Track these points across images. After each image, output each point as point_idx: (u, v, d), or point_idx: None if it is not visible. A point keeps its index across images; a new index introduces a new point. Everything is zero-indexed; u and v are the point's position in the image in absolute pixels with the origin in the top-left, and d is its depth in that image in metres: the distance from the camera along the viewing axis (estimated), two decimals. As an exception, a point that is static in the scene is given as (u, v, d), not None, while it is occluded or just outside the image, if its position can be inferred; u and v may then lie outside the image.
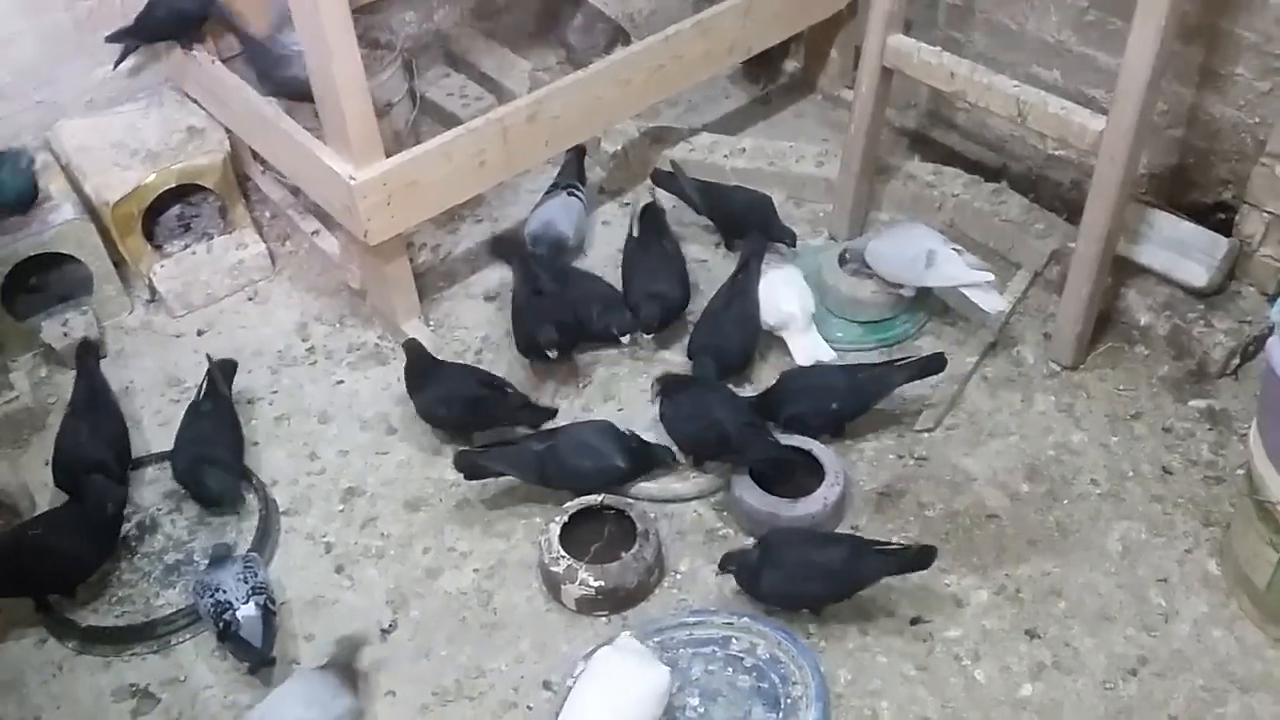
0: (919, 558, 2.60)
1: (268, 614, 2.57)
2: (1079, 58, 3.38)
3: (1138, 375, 3.14)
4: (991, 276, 3.13)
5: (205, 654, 2.67)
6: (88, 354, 3.15)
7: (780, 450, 2.81)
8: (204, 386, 3.07)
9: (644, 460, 2.89)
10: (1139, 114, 2.74)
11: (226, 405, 3.04)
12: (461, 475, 2.89)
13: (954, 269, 3.13)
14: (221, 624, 2.54)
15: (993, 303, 3.14)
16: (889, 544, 2.66)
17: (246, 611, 2.54)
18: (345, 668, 2.53)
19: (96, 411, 3.01)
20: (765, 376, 3.16)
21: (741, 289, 3.19)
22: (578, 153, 3.67)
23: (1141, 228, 3.18)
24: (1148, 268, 3.21)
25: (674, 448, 2.93)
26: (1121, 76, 2.74)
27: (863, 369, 3.04)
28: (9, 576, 2.68)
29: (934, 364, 3.00)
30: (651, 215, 3.48)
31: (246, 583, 2.58)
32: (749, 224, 3.37)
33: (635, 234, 3.44)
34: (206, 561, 2.71)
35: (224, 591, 2.56)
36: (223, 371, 3.11)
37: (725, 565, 2.67)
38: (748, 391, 3.11)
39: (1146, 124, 2.79)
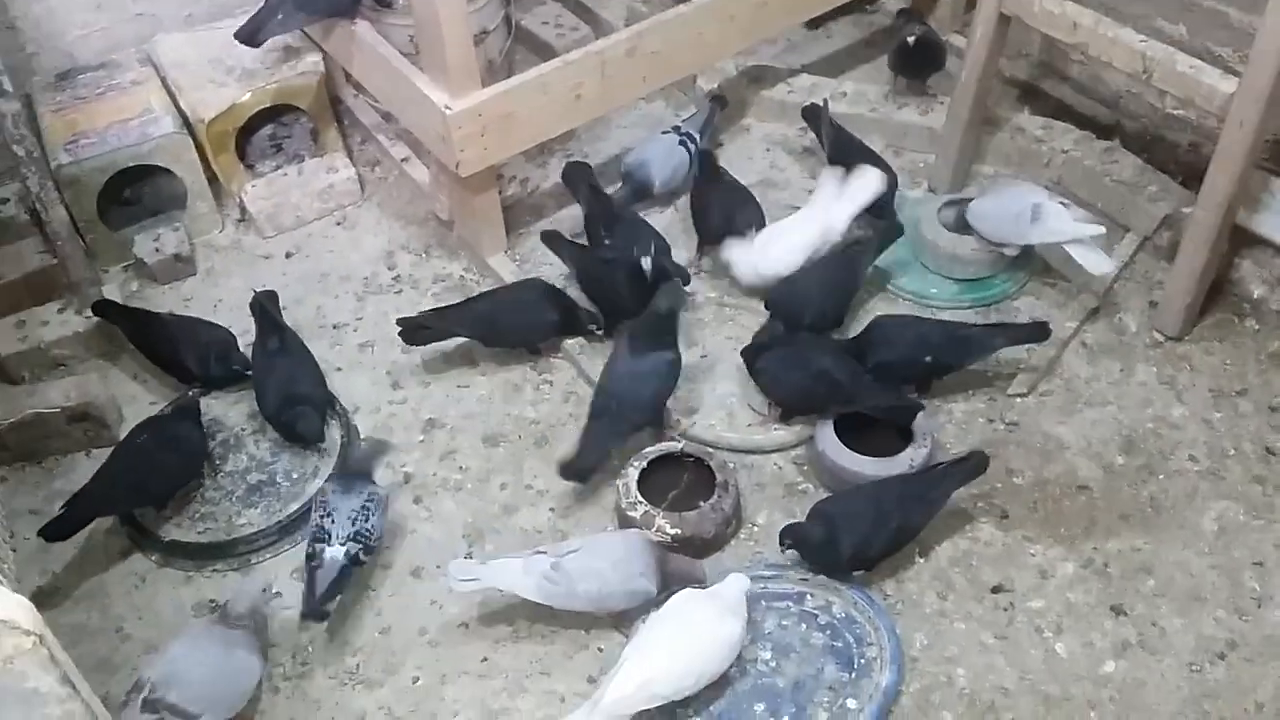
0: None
1: (349, 566, 2.53)
2: (1209, 13, 3.21)
3: (1246, 350, 3.01)
4: (1102, 230, 3.00)
5: (284, 574, 2.70)
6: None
7: (898, 397, 2.73)
8: (260, 323, 3.01)
9: (572, 318, 3.04)
10: (1274, 78, 2.58)
11: (294, 338, 3.01)
12: (401, 335, 3.05)
13: (1061, 223, 3.01)
14: (311, 549, 2.55)
15: (1099, 264, 3.02)
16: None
17: (333, 554, 2.53)
18: (671, 569, 2.51)
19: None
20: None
21: (848, 258, 3.09)
22: (716, 104, 3.61)
23: (1263, 196, 3.01)
24: (1266, 238, 3.05)
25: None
26: (1259, 38, 2.59)
27: (962, 326, 2.96)
28: (148, 479, 2.73)
29: (1037, 333, 2.91)
30: (711, 159, 3.41)
31: (354, 524, 2.55)
32: None
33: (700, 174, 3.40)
34: (343, 467, 2.69)
35: (331, 520, 2.55)
36: (271, 302, 3.06)
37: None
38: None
39: (1280, 88, 2.64)
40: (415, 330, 3.07)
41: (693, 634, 2.37)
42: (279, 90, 3.46)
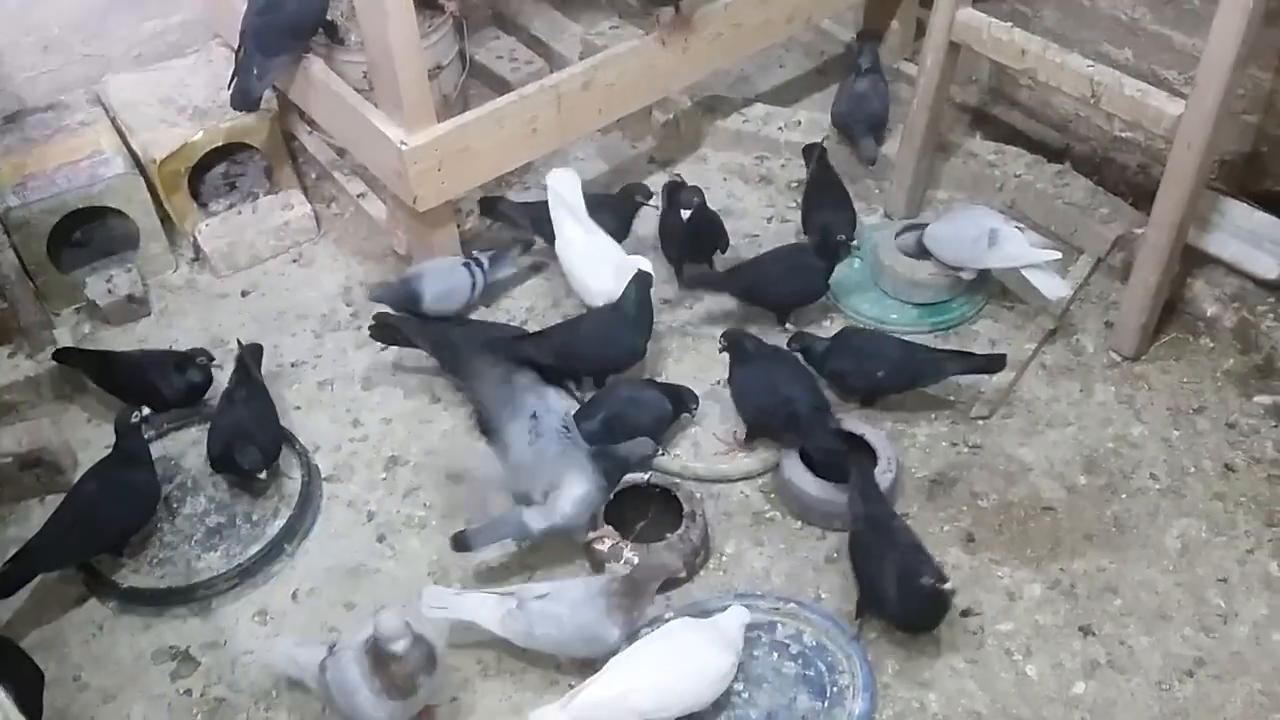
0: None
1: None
2: (1153, 37, 3.27)
3: (1202, 368, 3.05)
4: (1058, 255, 3.05)
5: (246, 618, 2.65)
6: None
7: (839, 444, 2.74)
8: (236, 372, 2.94)
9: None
10: (1220, 99, 2.64)
11: (260, 390, 2.94)
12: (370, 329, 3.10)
13: (1017, 248, 3.05)
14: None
15: (1054, 287, 3.06)
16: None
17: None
18: (631, 590, 2.46)
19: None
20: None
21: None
22: (518, 245, 3.39)
23: (1213, 216, 3.07)
24: (1216, 257, 3.11)
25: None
26: (1204, 60, 2.64)
27: (921, 349, 2.97)
28: (90, 533, 2.65)
29: (993, 364, 2.94)
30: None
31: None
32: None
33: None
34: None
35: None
36: (253, 356, 3.00)
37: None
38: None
39: (1227, 110, 2.69)
40: (386, 329, 3.06)
41: (682, 658, 2.36)
42: (231, 129, 3.43)
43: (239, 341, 3.04)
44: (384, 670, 2.24)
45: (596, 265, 3.10)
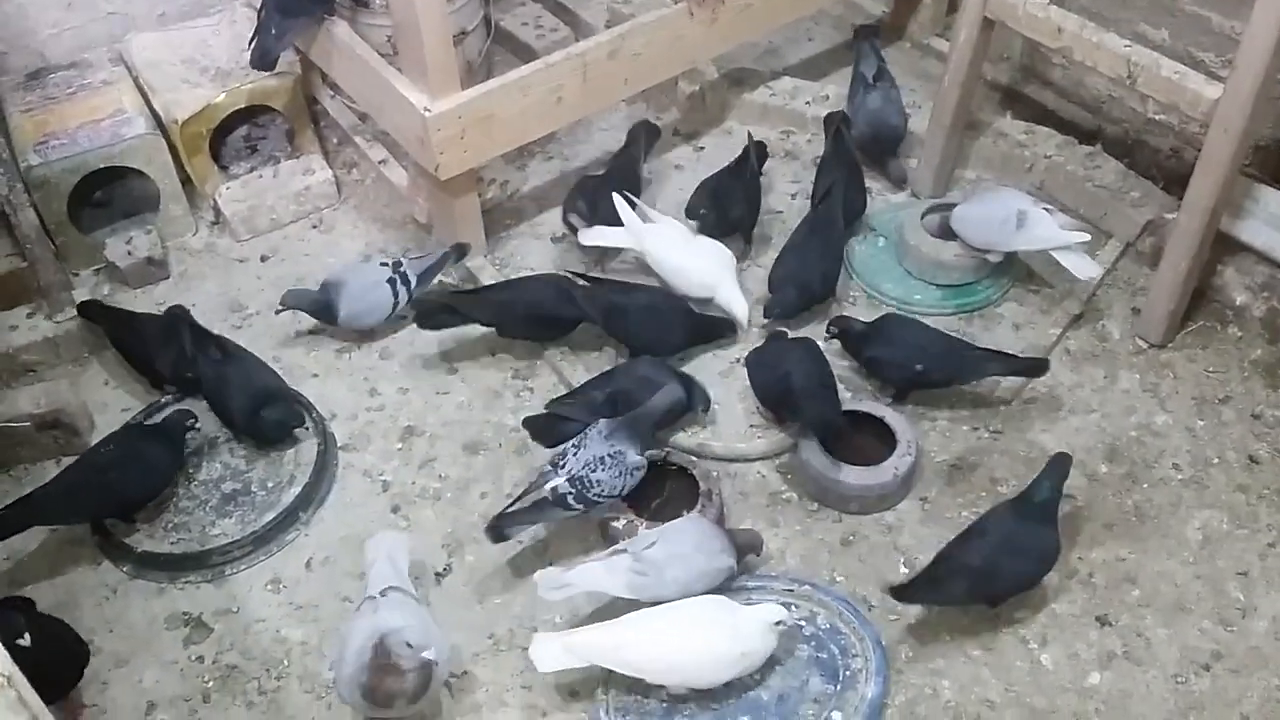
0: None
1: (550, 501, 2.54)
2: (1191, 17, 3.20)
3: (1229, 358, 3.01)
4: (1087, 237, 3.00)
5: (259, 586, 2.66)
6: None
7: (839, 421, 2.71)
8: (193, 336, 2.89)
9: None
10: (1259, 84, 2.57)
11: (234, 345, 2.93)
12: (416, 320, 3.03)
13: (1047, 230, 3.00)
14: (545, 466, 2.61)
15: (1085, 268, 3.01)
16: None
17: (552, 483, 2.55)
18: (739, 542, 2.54)
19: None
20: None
21: (824, 219, 3.12)
22: (452, 251, 3.18)
23: (1246, 203, 3.01)
24: (1248, 245, 3.05)
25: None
26: (1244, 43, 2.58)
27: (966, 347, 2.89)
28: (95, 496, 2.65)
29: (1036, 368, 2.88)
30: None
31: (585, 467, 2.53)
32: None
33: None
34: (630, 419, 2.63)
35: (575, 454, 2.56)
36: (185, 316, 2.96)
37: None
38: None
39: (1266, 94, 2.63)
40: (433, 313, 3.01)
41: (688, 632, 2.35)
42: (254, 91, 3.40)
43: (169, 310, 3.01)
44: (378, 673, 2.25)
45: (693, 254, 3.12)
